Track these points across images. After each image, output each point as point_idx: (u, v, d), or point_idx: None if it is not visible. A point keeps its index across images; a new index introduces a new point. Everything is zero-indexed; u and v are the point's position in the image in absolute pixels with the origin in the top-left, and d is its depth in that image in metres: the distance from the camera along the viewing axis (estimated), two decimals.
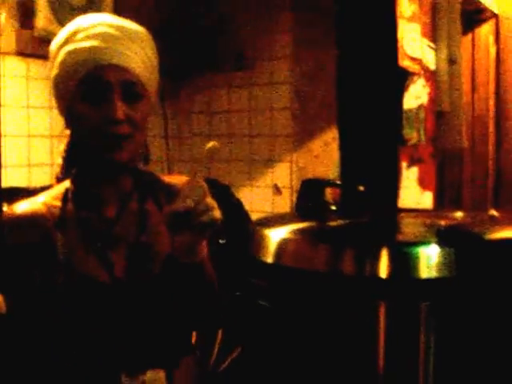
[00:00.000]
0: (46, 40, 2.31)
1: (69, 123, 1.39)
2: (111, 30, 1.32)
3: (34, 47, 2.49)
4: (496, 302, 0.79)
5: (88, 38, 1.31)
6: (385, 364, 0.78)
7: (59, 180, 1.44)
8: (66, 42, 1.34)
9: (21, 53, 2.53)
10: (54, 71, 1.35)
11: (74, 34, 1.33)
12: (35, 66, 2.58)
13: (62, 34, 1.36)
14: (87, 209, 1.38)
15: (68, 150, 1.42)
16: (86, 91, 1.31)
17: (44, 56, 1.41)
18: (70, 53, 1.32)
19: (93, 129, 1.30)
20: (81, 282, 1.32)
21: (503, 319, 0.81)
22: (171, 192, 1.48)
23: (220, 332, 2.06)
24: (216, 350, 2.01)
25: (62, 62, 1.33)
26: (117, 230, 1.38)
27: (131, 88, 1.32)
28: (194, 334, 1.65)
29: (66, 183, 1.43)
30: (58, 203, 1.38)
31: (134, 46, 1.33)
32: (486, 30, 2.55)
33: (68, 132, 1.43)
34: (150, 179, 1.51)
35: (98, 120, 1.29)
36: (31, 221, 1.37)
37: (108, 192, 1.40)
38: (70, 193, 1.40)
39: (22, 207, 1.39)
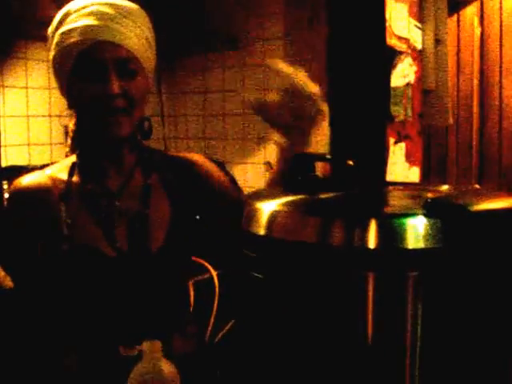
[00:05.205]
0: (45, 22, 2.29)
1: (71, 103, 1.38)
2: (104, 8, 1.30)
3: (34, 29, 2.47)
4: (480, 270, 0.79)
5: (81, 17, 1.29)
6: (373, 330, 0.77)
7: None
8: (60, 24, 1.32)
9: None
10: (52, 53, 1.33)
11: (67, 15, 1.31)
12: (34, 47, 2.55)
13: (56, 17, 1.34)
14: (92, 182, 1.37)
15: (76, 129, 1.42)
16: (82, 69, 1.29)
17: (43, 38, 1.38)
18: (64, 33, 1.30)
19: (91, 104, 1.30)
20: (83, 253, 1.31)
21: (488, 287, 0.80)
22: (179, 166, 1.48)
23: (216, 303, 2.06)
24: (212, 321, 2.01)
25: (58, 44, 1.31)
26: (120, 202, 1.37)
27: (126, 65, 1.30)
28: (191, 304, 1.64)
29: (73, 157, 1.42)
30: (64, 176, 1.38)
31: (127, 23, 1.30)
32: (470, 12, 2.54)
33: (71, 112, 1.42)
34: (156, 155, 1.50)
35: (96, 95, 1.28)
36: (36, 193, 1.36)
37: (112, 167, 1.39)
38: (76, 166, 1.39)
39: (27, 180, 1.38)
